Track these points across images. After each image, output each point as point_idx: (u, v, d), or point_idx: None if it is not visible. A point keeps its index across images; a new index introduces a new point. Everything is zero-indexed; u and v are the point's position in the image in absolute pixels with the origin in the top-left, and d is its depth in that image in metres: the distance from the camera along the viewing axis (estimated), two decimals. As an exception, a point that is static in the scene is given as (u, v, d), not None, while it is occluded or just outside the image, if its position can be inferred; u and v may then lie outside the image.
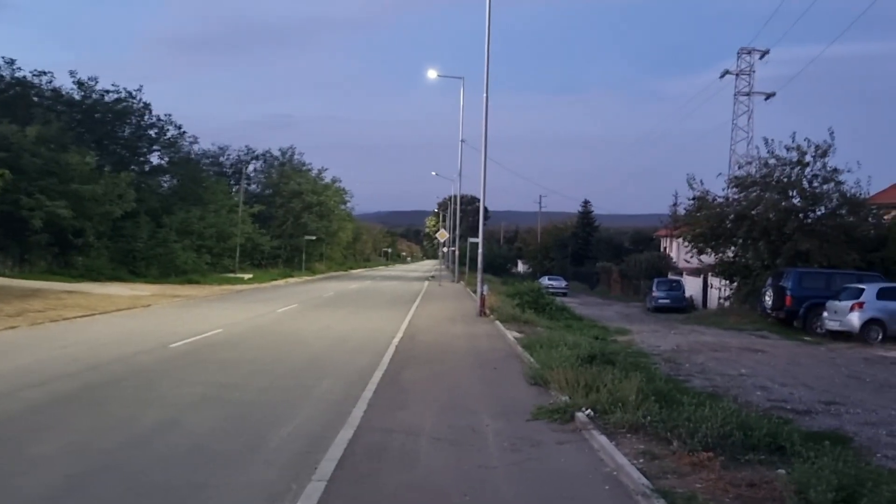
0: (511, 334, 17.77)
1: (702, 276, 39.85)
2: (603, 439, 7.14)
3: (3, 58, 42.64)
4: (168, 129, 49.68)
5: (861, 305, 20.65)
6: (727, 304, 32.00)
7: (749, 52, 54.86)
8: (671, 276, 46.09)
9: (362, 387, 10.34)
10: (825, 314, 22.19)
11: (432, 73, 39.95)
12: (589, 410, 8.22)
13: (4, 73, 42.80)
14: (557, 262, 72.36)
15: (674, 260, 52.02)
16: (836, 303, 21.72)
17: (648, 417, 7.56)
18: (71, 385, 10.16)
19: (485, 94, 25.98)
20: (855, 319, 20.77)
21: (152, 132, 49.39)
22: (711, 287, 38.57)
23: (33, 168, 36.03)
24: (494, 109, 23.04)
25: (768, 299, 25.04)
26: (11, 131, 35.77)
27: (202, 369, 12.08)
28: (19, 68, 43.33)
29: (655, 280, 41.53)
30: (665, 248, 57.10)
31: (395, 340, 16.36)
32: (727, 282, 31.75)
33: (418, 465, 6.57)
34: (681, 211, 35.10)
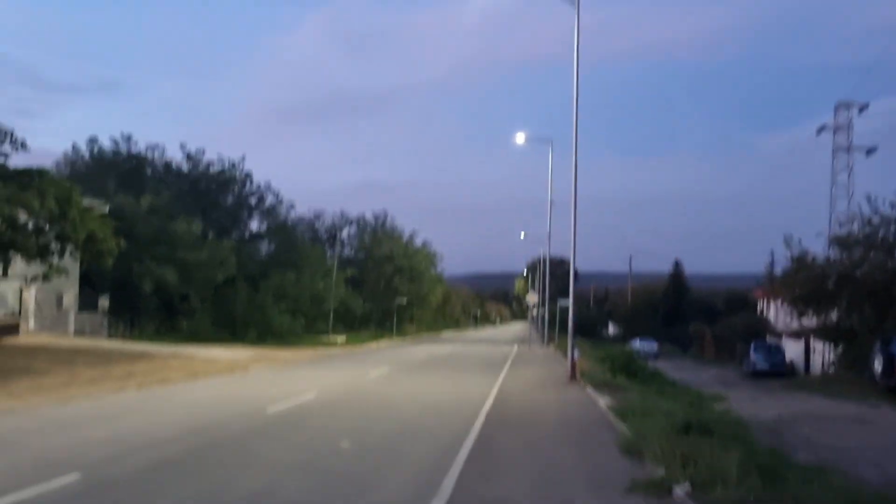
0: (603, 401, 17.47)
1: (803, 339, 38.14)
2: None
3: (121, 133, 46.20)
4: (267, 197, 52.16)
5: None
6: (831, 369, 30.47)
7: (847, 106, 53.24)
8: (769, 340, 44.28)
9: (453, 455, 10.39)
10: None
11: (520, 138, 39.98)
12: (687, 485, 8.01)
13: (122, 149, 46.35)
14: (648, 325, 70.66)
15: (772, 322, 50.00)
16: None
17: (752, 495, 7.29)
18: (175, 449, 10.64)
19: (574, 157, 25.85)
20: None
21: (252, 200, 51.96)
22: (814, 351, 36.83)
23: (145, 236, 38.46)
24: (584, 169, 23.07)
25: (877, 366, 23.70)
26: (127, 202, 38.47)
27: (298, 435, 12.41)
28: (136, 143, 46.80)
29: (753, 343, 40.01)
30: (762, 310, 54.96)
31: (486, 407, 16.35)
32: (831, 345, 30.30)
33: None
34: (778, 271, 33.98)
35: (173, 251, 39.62)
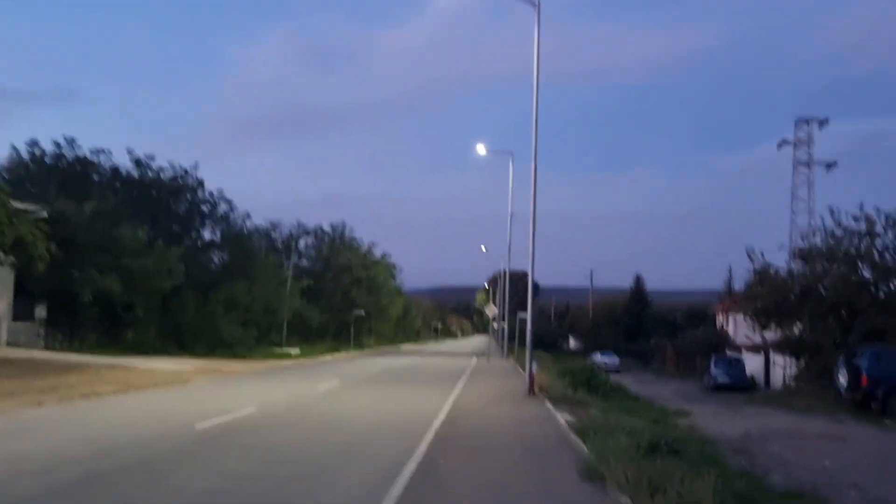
0: (562, 417, 16.41)
1: (763, 353, 37.74)
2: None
3: (63, 137, 44.09)
4: (220, 205, 50.32)
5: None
6: (793, 383, 29.93)
7: (807, 122, 53.62)
8: (729, 354, 43.90)
9: (392, 480, 9.20)
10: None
11: (481, 149, 40.03)
12: (655, 519, 6.95)
13: (66, 153, 44.19)
14: (609, 338, 70.20)
15: (731, 336, 49.76)
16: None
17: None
18: (74, 473, 9.27)
19: (533, 168, 25.03)
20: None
21: (205, 208, 50.06)
22: (774, 365, 36.40)
23: (87, 243, 36.46)
24: (543, 186, 22.58)
25: (842, 380, 23.10)
26: (69, 207, 36.46)
27: (223, 456, 11.11)
28: (79, 146, 44.68)
29: (713, 357, 39.52)
30: (721, 325, 54.80)
31: (437, 424, 15.16)
32: (793, 359, 29.77)
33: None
34: (738, 286, 33.50)
35: (117, 258, 37.61)
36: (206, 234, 53.15)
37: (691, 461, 9.67)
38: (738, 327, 49.47)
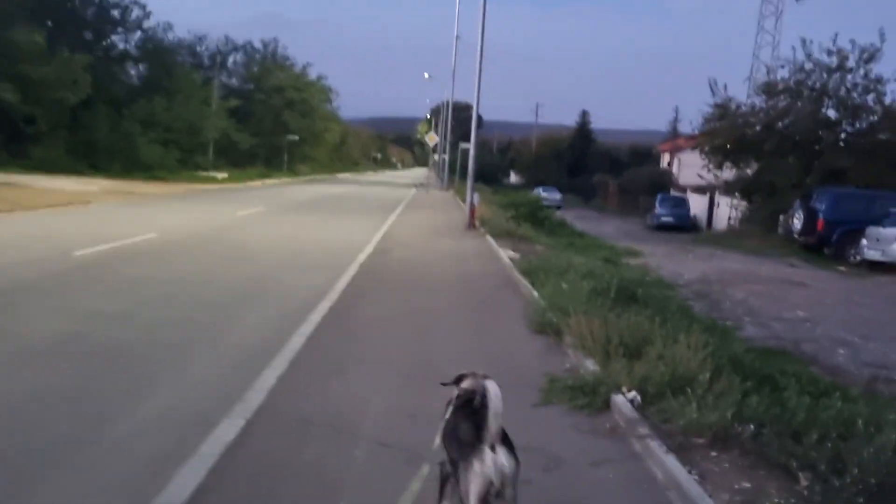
0: (506, 253, 14.68)
1: (707, 194, 36.74)
2: (673, 464, 4.11)
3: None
4: (132, 10, 44.86)
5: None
6: (738, 224, 28.93)
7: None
8: (674, 193, 42.96)
9: (295, 327, 7.25)
10: (864, 242, 19.25)
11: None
12: (634, 394, 5.18)
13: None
14: (552, 174, 68.69)
15: (675, 176, 48.79)
16: (880, 230, 18.72)
17: (751, 426, 4.45)
18: None
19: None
20: (901, 250, 17.83)
21: (115, 13, 44.60)
22: (718, 206, 35.51)
23: (-27, 46, 31.95)
24: (491, 15, 19.74)
25: (797, 222, 21.97)
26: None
27: (96, 289, 8.99)
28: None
29: (659, 196, 38.37)
30: (669, 164, 53.73)
31: (364, 257, 13.24)
32: (743, 201, 28.57)
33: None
34: (685, 127, 31.58)
35: (12, 65, 33.27)
36: (121, 45, 47.94)
37: (658, 310, 8.01)
38: (682, 167, 48.37)
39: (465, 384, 3.12)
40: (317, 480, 3.87)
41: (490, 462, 2.79)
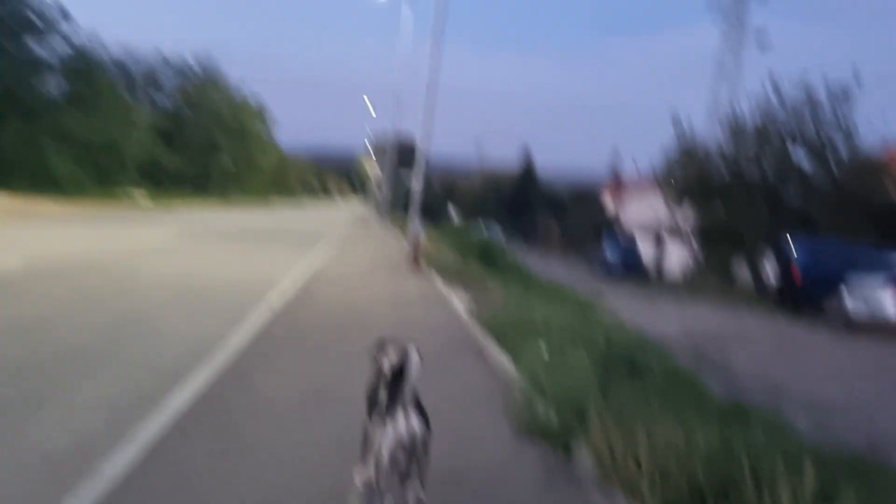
0: (458, 299, 12.15)
1: (657, 239, 35.10)
2: None
3: None
4: (49, 14, 41.11)
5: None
6: (693, 273, 27.09)
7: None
8: (622, 238, 41.35)
9: (139, 419, 4.51)
10: (845, 295, 17.47)
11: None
12: None
13: None
14: (494, 212, 66.81)
15: (620, 218, 47.47)
16: (864, 282, 16.98)
17: None
18: None
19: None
20: (891, 305, 16.04)
21: (30, 14, 40.79)
22: (668, 253, 33.81)
23: None
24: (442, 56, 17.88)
25: (770, 274, 20.12)
26: None
27: None
28: None
29: (607, 240, 36.51)
30: (610, 208, 52.52)
31: (279, 298, 10.50)
32: (697, 248, 26.77)
33: None
34: (636, 171, 29.73)
35: None
36: (40, 52, 43.92)
37: (665, 390, 5.61)
38: (627, 209, 47.03)
39: (392, 355, 3.24)
40: None
41: (402, 424, 2.95)
